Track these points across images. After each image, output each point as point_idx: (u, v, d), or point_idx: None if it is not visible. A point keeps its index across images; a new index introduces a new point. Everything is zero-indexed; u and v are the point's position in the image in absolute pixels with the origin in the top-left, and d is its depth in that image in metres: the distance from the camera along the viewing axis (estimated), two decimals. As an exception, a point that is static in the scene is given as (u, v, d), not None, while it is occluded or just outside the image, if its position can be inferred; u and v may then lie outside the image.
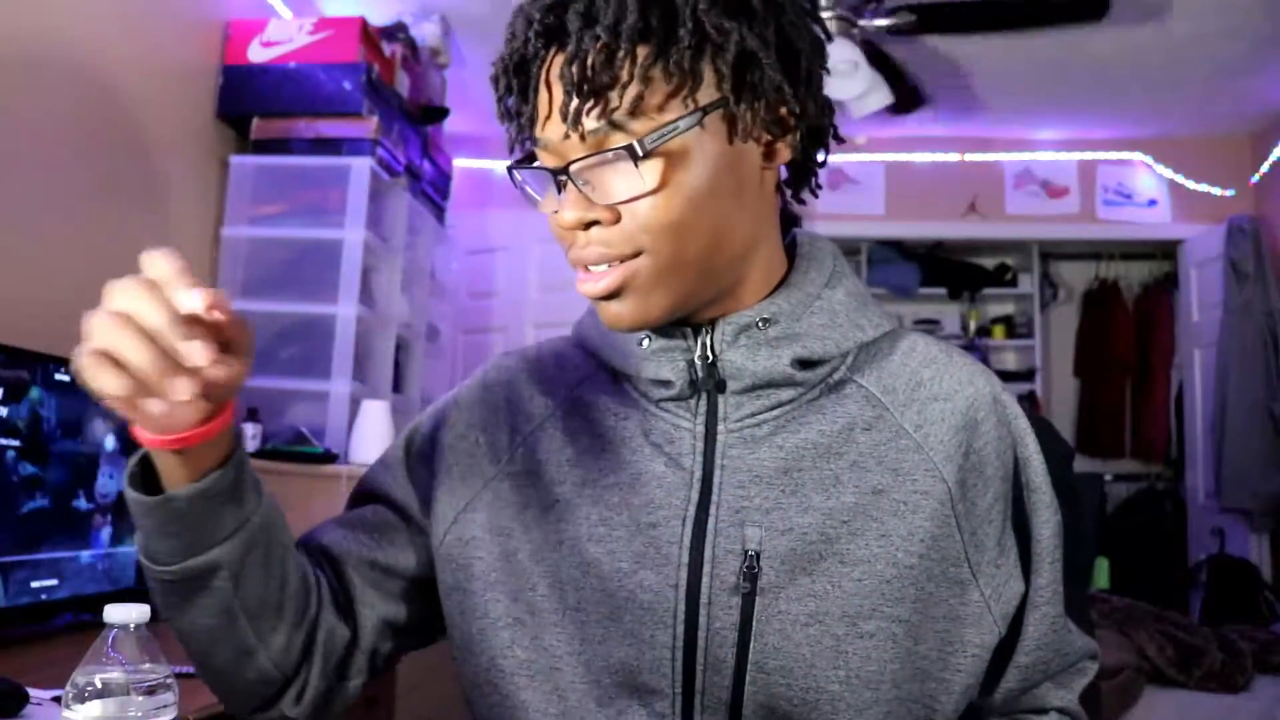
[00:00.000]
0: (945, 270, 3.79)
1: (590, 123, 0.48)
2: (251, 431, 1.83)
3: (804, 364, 0.53)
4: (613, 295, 0.50)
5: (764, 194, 0.54)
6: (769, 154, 0.53)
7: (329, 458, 1.82)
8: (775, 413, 0.53)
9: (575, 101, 0.47)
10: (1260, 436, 2.86)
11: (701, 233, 0.50)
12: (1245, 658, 1.98)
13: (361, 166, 1.94)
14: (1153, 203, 3.25)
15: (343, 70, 1.97)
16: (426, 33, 2.34)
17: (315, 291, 1.92)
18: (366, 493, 0.63)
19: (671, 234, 0.49)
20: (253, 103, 1.99)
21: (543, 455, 0.57)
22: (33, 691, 0.93)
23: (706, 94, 0.49)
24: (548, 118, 0.50)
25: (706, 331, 0.54)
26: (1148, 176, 3.25)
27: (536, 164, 0.52)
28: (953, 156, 3.26)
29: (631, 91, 0.47)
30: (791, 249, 0.59)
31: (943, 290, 3.80)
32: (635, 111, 0.47)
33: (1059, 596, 0.56)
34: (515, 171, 0.53)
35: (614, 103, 0.47)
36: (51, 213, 1.55)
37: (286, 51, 1.99)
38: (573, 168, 0.49)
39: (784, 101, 0.50)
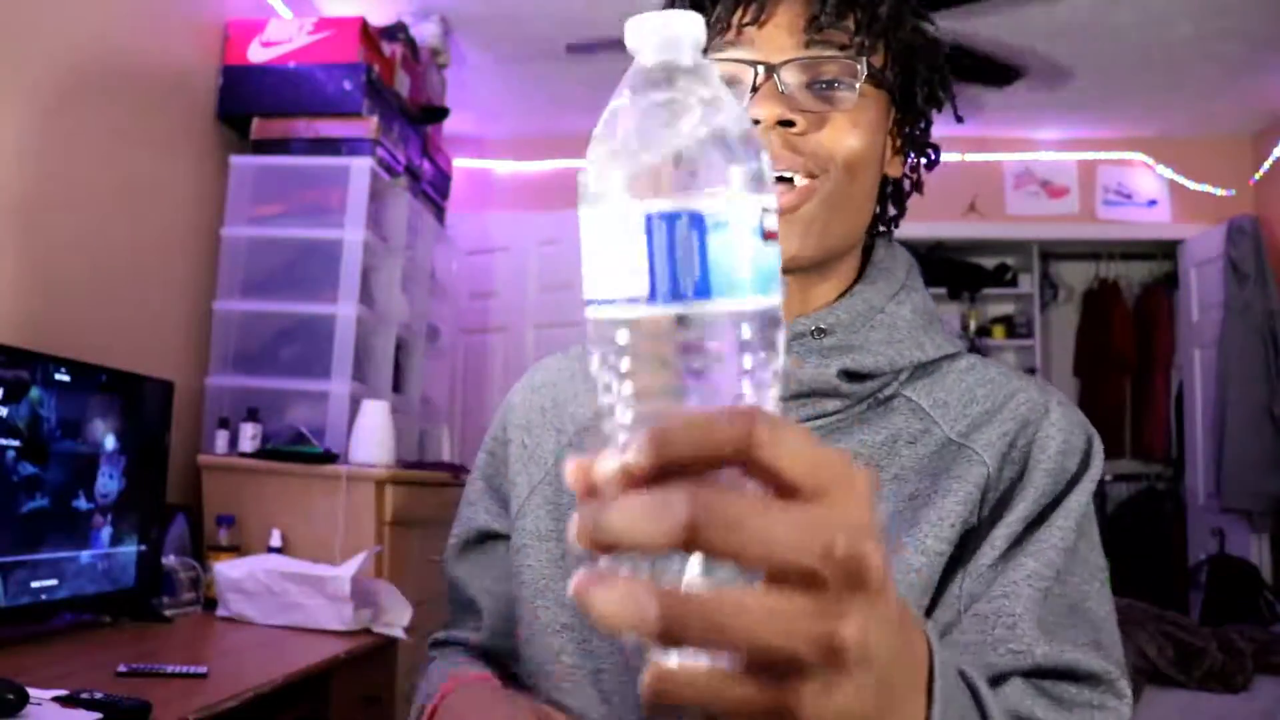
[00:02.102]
0: (945, 270, 3.79)
1: (820, 41, 0.50)
2: (251, 431, 1.84)
3: (852, 376, 0.52)
4: (789, 212, 0.51)
5: (876, 192, 0.56)
6: (887, 158, 0.55)
7: (329, 457, 1.82)
8: (819, 423, 0.52)
9: (825, 15, 0.50)
10: (1260, 437, 2.86)
11: (864, 187, 0.53)
12: (1245, 658, 1.98)
13: (361, 166, 1.95)
14: (1153, 203, 3.25)
15: (342, 71, 1.97)
16: (426, 33, 2.34)
17: (315, 291, 1.92)
18: (472, 537, 0.64)
19: (850, 170, 0.51)
20: (253, 103, 1.99)
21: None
22: (32, 691, 0.93)
23: (893, 78, 0.54)
24: (775, 20, 0.51)
25: None
26: (1148, 176, 3.25)
27: (743, 57, 0.52)
28: (952, 156, 3.25)
29: (858, 35, 0.50)
30: (867, 254, 0.59)
31: (943, 290, 3.80)
32: (868, 48, 0.51)
33: (1050, 578, 0.48)
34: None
35: (856, 22, 0.50)
36: (53, 212, 1.56)
37: (286, 52, 1.99)
38: (788, 68, 0.51)
39: (920, 124, 0.55)
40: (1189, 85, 2.79)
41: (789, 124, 0.50)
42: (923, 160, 0.59)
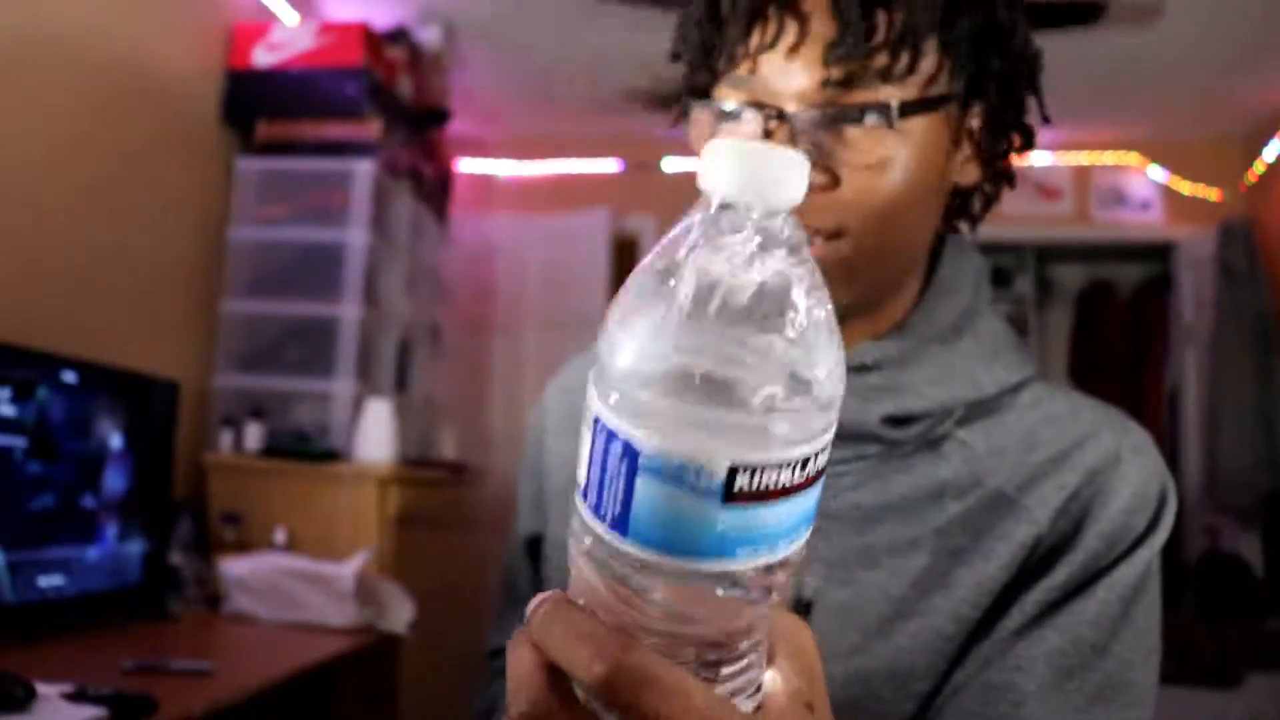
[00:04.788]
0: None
1: (844, 69, 0.42)
2: (256, 430, 1.85)
3: (896, 421, 0.46)
4: None
5: (938, 211, 0.49)
6: (955, 169, 0.48)
7: (333, 456, 1.84)
8: (858, 465, 0.47)
9: (849, 37, 0.41)
10: (1252, 436, 2.89)
11: (903, 231, 0.45)
12: (1238, 655, 2.00)
13: (365, 169, 1.96)
14: (1147, 205, 3.28)
15: (346, 74, 1.99)
16: (429, 36, 2.36)
17: (319, 292, 1.94)
18: (525, 542, 0.60)
19: (881, 220, 0.44)
20: (257, 106, 2.01)
21: None
22: (40, 686, 0.94)
23: (953, 82, 0.44)
24: (791, 47, 0.42)
25: None
26: (1142, 179, 3.28)
27: (753, 95, 0.43)
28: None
29: (897, 59, 0.42)
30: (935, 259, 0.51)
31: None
32: (890, 77, 0.42)
33: (1074, 656, 0.42)
34: (694, 105, 0.46)
35: (880, 49, 0.42)
36: (60, 214, 1.57)
37: (290, 56, 2.01)
38: (805, 114, 0.42)
39: (1005, 123, 0.47)
40: (1183, 88, 2.82)
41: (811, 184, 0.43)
42: (1010, 156, 0.50)
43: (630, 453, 0.21)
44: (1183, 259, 3.31)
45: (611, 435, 0.21)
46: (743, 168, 0.22)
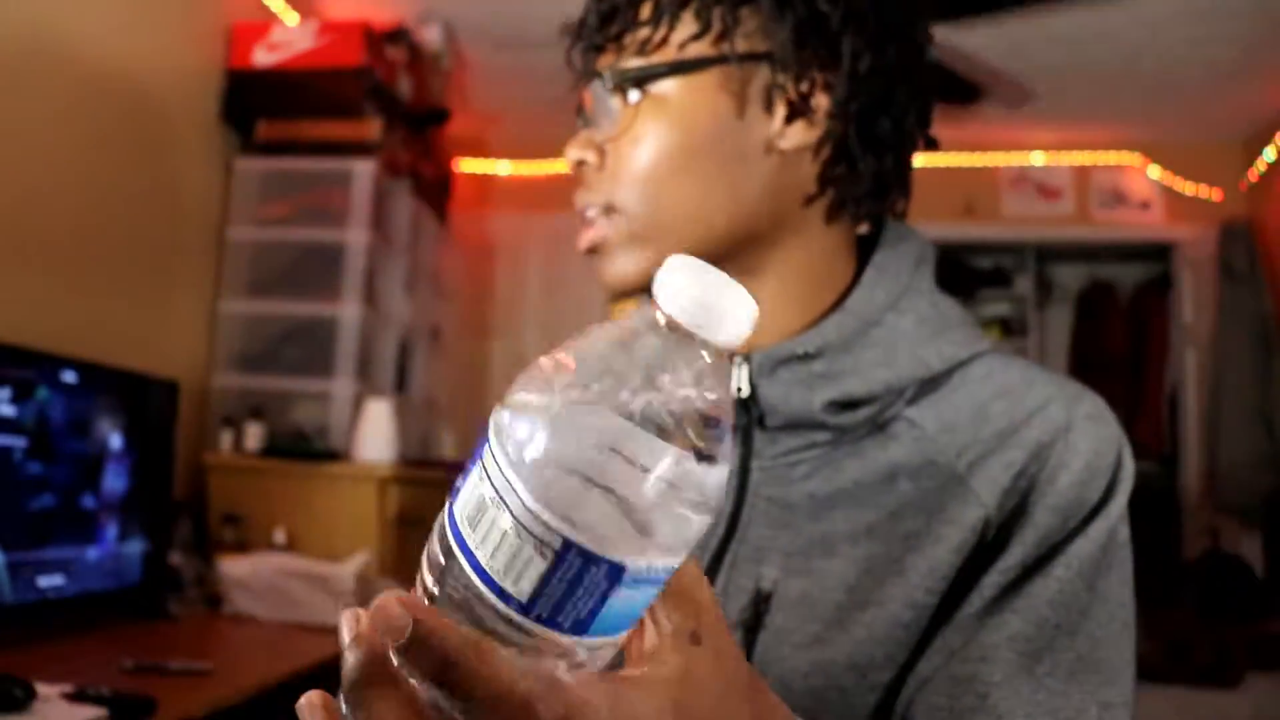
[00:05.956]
0: (940, 271, 3.81)
1: (608, 60, 0.47)
2: (256, 431, 1.85)
3: (842, 406, 0.46)
4: (595, 250, 0.49)
5: (783, 181, 0.47)
6: (783, 135, 0.46)
7: (333, 456, 1.84)
8: (811, 453, 0.47)
9: (600, 35, 0.47)
10: (1252, 435, 2.89)
11: (680, 196, 0.46)
12: (1237, 655, 2.00)
13: (364, 169, 1.96)
14: (1147, 205, 3.28)
15: (345, 74, 1.99)
16: (429, 36, 2.36)
17: (319, 292, 1.94)
18: None
19: (645, 191, 0.46)
20: (257, 106, 2.01)
21: None
22: (40, 687, 0.95)
23: (715, 46, 0.45)
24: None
25: (742, 362, 0.48)
26: (1142, 179, 3.28)
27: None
28: (948, 158, 3.29)
29: (643, 31, 0.46)
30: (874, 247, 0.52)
31: (939, 292, 3.82)
32: (644, 51, 0.46)
33: (1038, 639, 0.41)
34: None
35: (627, 40, 0.47)
36: (60, 214, 1.57)
37: (290, 56, 2.00)
38: (585, 100, 0.48)
39: (802, 77, 0.45)
40: (1181, 90, 2.82)
41: (582, 163, 0.48)
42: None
43: (615, 572, 0.23)
44: (1183, 259, 3.31)
45: (592, 558, 0.23)
46: (699, 294, 0.25)
